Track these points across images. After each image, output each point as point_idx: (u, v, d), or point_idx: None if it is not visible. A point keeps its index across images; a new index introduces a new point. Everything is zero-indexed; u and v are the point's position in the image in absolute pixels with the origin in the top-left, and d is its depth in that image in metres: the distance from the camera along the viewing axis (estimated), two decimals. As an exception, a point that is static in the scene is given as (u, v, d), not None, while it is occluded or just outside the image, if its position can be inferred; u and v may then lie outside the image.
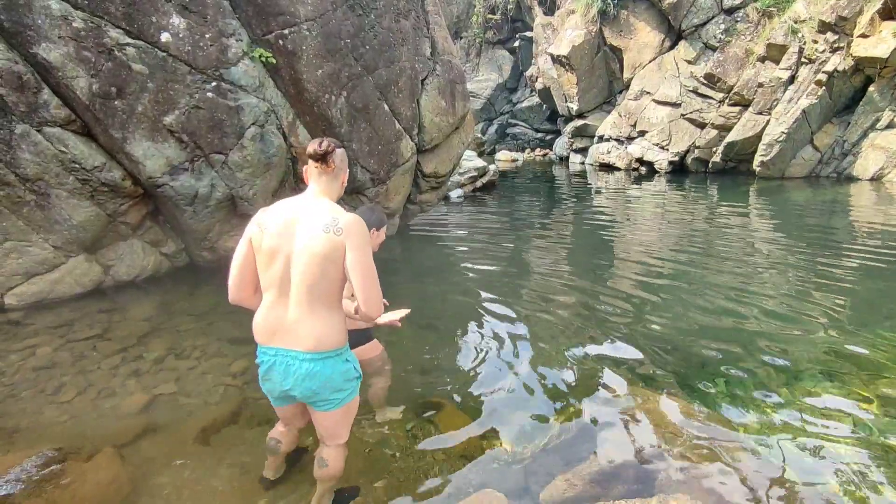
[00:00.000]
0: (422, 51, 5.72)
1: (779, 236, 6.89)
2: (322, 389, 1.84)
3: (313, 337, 1.78)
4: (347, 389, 1.93)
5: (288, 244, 1.79)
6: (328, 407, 1.90)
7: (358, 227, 1.78)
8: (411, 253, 6.27)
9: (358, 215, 1.83)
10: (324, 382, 1.82)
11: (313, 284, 1.76)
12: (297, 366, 1.80)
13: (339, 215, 1.79)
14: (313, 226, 1.76)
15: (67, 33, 3.63)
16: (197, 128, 4.21)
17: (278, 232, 1.79)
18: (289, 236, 1.79)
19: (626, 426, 2.70)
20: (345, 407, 1.96)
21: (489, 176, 10.67)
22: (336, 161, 1.87)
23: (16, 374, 3.23)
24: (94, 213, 4.12)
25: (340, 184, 1.93)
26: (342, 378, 1.88)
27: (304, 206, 1.83)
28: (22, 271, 3.98)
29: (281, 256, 1.79)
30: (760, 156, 11.32)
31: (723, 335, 3.80)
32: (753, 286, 4.86)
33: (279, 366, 1.84)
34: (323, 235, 1.74)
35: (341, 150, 1.91)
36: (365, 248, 1.77)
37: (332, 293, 1.81)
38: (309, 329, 1.79)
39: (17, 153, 3.70)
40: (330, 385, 1.85)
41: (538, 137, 18.93)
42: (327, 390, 1.86)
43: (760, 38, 11.78)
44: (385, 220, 2.85)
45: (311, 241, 1.75)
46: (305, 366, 1.80)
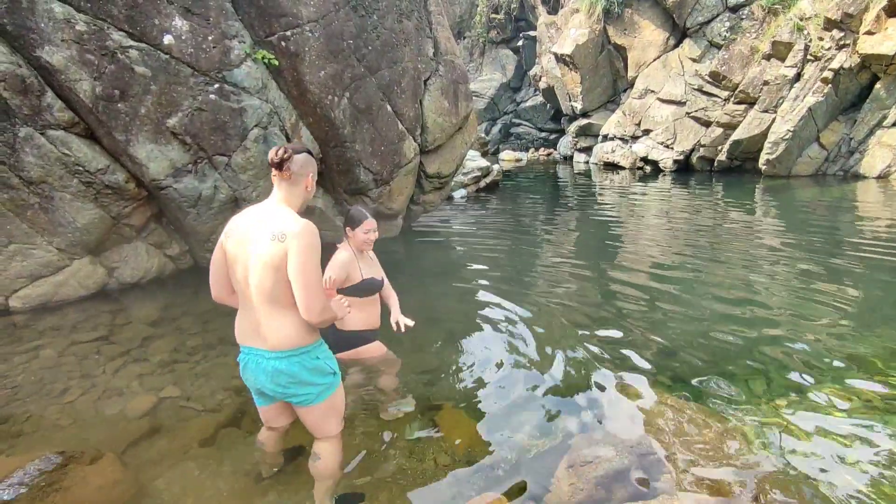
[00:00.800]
0: (424, 51, 5.71)
1: (785, 235, 6.83)
2: (290, 386, 1.92)
3: (275, 337, 1.87)
4: (321, 385, 1.97)
5: (244, 252, 1.86)
6: (304, 402, 1.97)
7: (301, 233, 1.80)
8: (414, 253, 6.25)
9: (307, 222, 1.85)
10: (290, 379, 1.90)
11: (268, 290, 1.83)
12: (265, 364, 1.91)
13: (287, 223, 1.82)
14: (263, 234, 1.82)
15: (70, 36, 3.64)
16: (200, 130, 4.22)
17: (238, 240, 1.88)
18: (245, 244, 1.86)
19: (632, 427, 2.67)
20: (324, 403, 2.00)
21: (493, 176, 10.65)
22: (294, 167, 1.89)
23: (20, 375, 3.24)
24: (98, 216, 4.13)
25: (303, 189, 1.94)
26: (310, 375, 1.93)
27: (262, 213, 1.89)
28: (26, 274, 3.99)
29: (240, 263, 1.88)
30: (766, 154, 11.24)
31: (730, 335, 3.77)
32: (760, 285, 4.82)
33: (251, 364, 1.96)
34: (269, 243, 1.80)
35: (301, 156, 1.92)
36: (305, 254, 1.79)
37: (289, 296, 1.86)
38: (270, 330, 1.87)
39: (20, 156, 3.71)
40: (297, 381, 1.92)
41: (542, 137, 18.89)
42: (295, 386, 1.93)
43: (766, 36, 11.70)
44: (361, 218, 2.80)
45: (261, 248, 1.81)
46: (272, 364, 1.89)
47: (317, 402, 1.98)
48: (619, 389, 3.06)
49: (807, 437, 2.61)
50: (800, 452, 2.49)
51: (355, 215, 2.82)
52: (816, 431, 2.64)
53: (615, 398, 2.97)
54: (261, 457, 2.36)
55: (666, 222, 8.01)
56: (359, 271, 2.83)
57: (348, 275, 2.78)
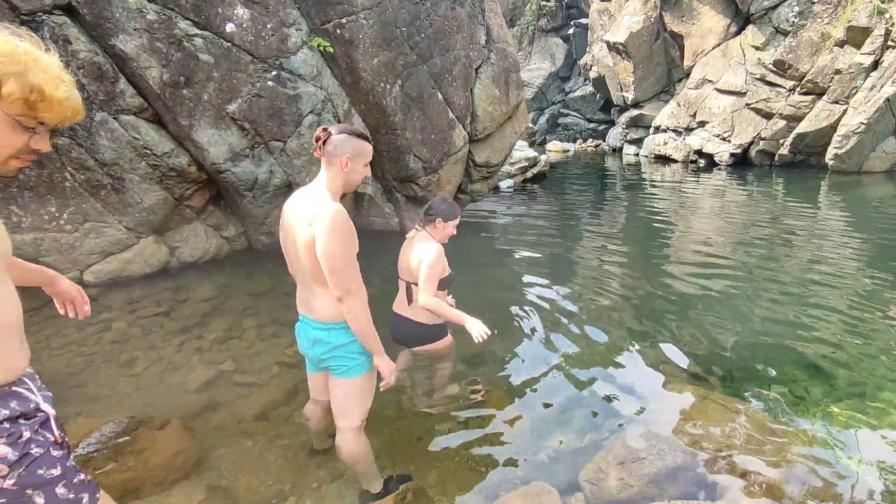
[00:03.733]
0: (476, 39, 5.66)
1: (852, 236, 6.41)
2: (327, 353, 2.04)
3: (318, 310, 2.00)
4: (354, 360, 2.05)
5: (292, 233, 1.96)
6: (336, 372, 2.07)
7: (325, 218, 1.82)
8: (461, 243, 6.25)
9: (335, 206, 1.86)
10: (329, 349, 2.02)
11: (308, 269, 1.93)
12: (310, 331, 2.05)
13: (318, 207, 1.87)
14: (302, 217, 1.90)
15: (142, 25, 3.82)
16: (258, 116, 4.35)
17: (286, 221, 1.99)
18: (291, 225, 1.96)
19: (682, 426, 2.60)
20: (354, 379, 2.06)
21: (540, 167, 10.49)
22: (328, 147, 1.92)
23: (94, 345, 3.47)
24: (162, 197, 4.34)
25: (338, 169, 1.93)
26: (345, 348, 2.03)
27: (304, 196, 1.97)
28: (98, 250, 4.25)
29: (290, 243, 1.99)
30: (834, 148, 10.55)
31: (785, 340, 3.58)
32: (822, 290, 4.55)
33: (301, 330, 2.12)
34: (304, 227, 1.88)
35: (339, 137, 1.92)
36: (328, 237, 1.81)
37: None
38: (315, 303, 2.01)
39: (95, 139, 3.94)
40: (335, 352, 2.03)
41: (590, 128, 18.43)
42: (333, 357, 2.05)
43: (840, 21, 10.93)
44: (455, 213, 2.77)
45: (299, 231, 1.90)
46: (314, 332, 2.03)
47: (347, 375, 2.06)
48: (668, 387, 2.97)
49: (868, 444, 2.46)
50: (859, 460, 2.36)
51: (449, 209, 2.74)
52: (877, 440, 2.48)
53: (664, 395, 2.89)
54: (312, 430, 2.43)
55: (721, 218, 7.67)
56: (447, 263, 2.81)
57: (444, 266, 2.75)
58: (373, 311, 1.98)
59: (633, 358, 3.33)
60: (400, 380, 3.01)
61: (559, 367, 3.22)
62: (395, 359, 3.14)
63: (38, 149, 1.13)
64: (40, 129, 1.12)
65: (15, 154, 1.11)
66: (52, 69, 1.08)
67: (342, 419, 2.17)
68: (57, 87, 1.07)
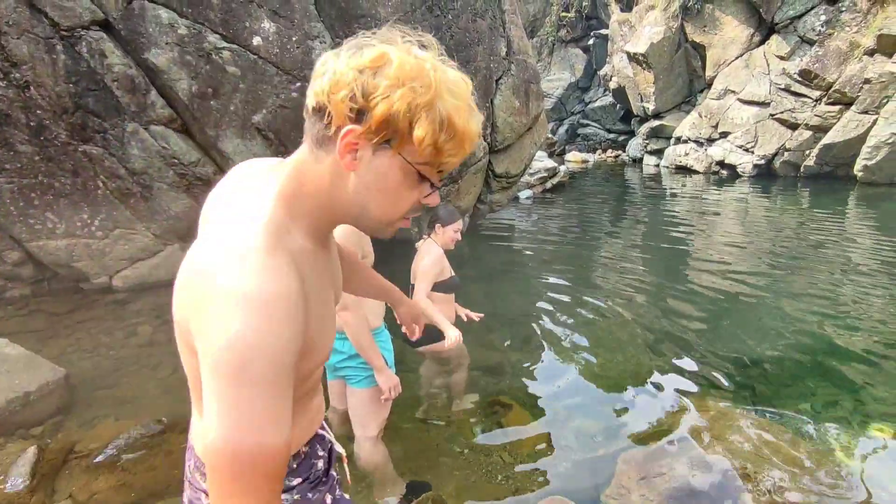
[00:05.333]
0: (497, 50, 5.70)
1: (883, 251, 6.23)
2: (343, 364, 2.07)
3: None
4: (369, 370, 2.06)
5: None
6: (353, 382, 2.10)
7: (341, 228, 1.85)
8: (480, 253, 6.27)
9: None
10: (343, 358, 2.05)
11: None
12: None
13: None
14: None
15: (173, 39, 3.95)
16: (282, 126, 4.45)
17: None
18: None
19: (702, 442, 2.55)
20: (369, 389, 2.08)
21: (559, 177, 10.47)
22: None
23: (122, 349, 3.57)
24: (189, 205, 4.45)
25: None
26: (358, 358, 2.05)
27: None
28: (127, 256, 4.38)
29: None
30: (864, 159, 10.30)
31: (812, 354, 3.49)
32: (848, 306, 4.42)
33: None
34: None
35: None
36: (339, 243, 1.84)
37: None
38: None
39: (127, 149, 4.07)
40: (349, 362, 2.06)
41: (610, 138, 18.33)
42: (347, 366, 2.08)
43: (870, 29, 10.72)
44: (453, 218, 2.85)
45: None
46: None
47: (361, 385, 2.08)
48: (691, 400, 2.93)
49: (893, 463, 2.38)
50: (883, 478, 2.29)
51: (447, 214, 2.86)
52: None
53: (686, 409, 2.85)
54: None
55: (743, 230, 7.54)
56: (448, 268, 2.90)
57: (441, 269, 2.85)
58: (388, 318, 2.01)
59: (654, 370, 3.28)
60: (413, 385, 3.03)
61: (578, 379, 3.20)
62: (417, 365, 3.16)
63: (427, 204, 0.79)
64: (436, 179, 0.76)
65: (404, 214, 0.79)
66: (462, 89, 0.73)
67: (358, 429, 2.20)
68: (470, 118, 0.73)
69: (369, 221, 0.78)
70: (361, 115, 0.69)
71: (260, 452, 0.62)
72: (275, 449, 0.64)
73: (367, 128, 0.69)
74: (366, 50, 0.71)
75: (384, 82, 0.68)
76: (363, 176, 0.73)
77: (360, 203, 0.75)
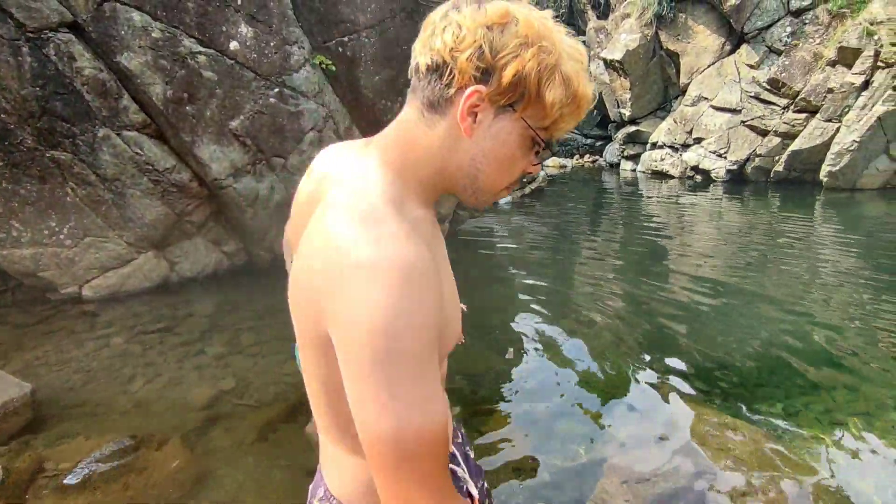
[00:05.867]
0: (476, 57, 5.73)
1: (847, 253, 6.46)
2: None
3: None
4: None
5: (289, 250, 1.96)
6: None
7: None
8: (460, 259, 6.27)
9: None
10: None
11: None
12: None
13: None
14: None
15: (147, 43, 3.86)
16: (259, 132, 4.38)
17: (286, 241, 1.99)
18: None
19: (686, 445, 2.59)
20: None
21: (538, 182, 10.56)
22: None
23: (93, 361, 3.44)
24: (163, 212, 4.34)
25: None
26: None
27: None
28: (98, 265, 4.24)
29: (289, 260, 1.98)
30: (828, 166, 10.67)
31: (785, 357, 3.59)
32: (817, 306, 4.57)
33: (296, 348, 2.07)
34: None
35: None
36: None
37: None
38: None
39: (98, 155, 3.95)
40: None
41: (587, 143, 18.58)
42: None
43: (831, 42, 11.13)
44: None
45: None
46: None
47: None
48: (670, 405, 2.97)
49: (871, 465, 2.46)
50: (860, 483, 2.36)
51: None
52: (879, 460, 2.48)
53: (667, 413, 2.89)
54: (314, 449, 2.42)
55: (717, 234, 7.72)
56: None
57: None
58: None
59: (635, 375, 3.33)
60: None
61: (560, 385, 3.22)
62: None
63: (531, 173, 0.78)
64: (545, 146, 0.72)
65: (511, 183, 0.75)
66: (580, 51, 0.69)
67: None
68: (588, 82, 0.69)
69: (476, 190, 0.73)
70: (487, 74, 0.65)
71: (424, 434, 0.57)
72: (439, 428, 0.59)
73: (493, 88, 0.65)
74: (487, 5, 0.66)
75: (513, 40, 0.64)
76: (480, 141, 0.69)
77: (471, 170, 0.71)
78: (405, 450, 0.57)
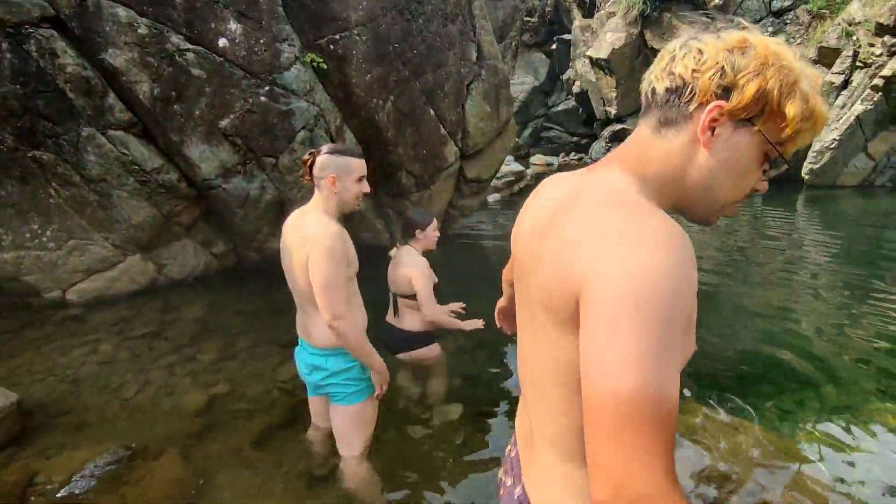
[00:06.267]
0: (468, 55, 5.70)
1: (828, 247, 6.59)
2: (326, 381, 2.01)
3: (316, 335, 1.96)
4: (353, 387, 2.03)
5: (287, 254, 1.95)
6: (336, 400, 2.04)
7: (316, 237, 1.82)
8: (451, 258, 6.24)
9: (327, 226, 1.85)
10: (326, 375, 1.99)
11: (303, 291, 1.91)
12: (307, 357, 2.02)
13: (309, 227, 1.86)
14: (296, 238, 1.90)
15: (133, 39, 3.75)
16: (250, 131, 4.29)
17: (283, 241, 1.98)
18: (287, 246, 1.95)
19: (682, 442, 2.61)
20: (354, 406, 2.04)
21: (526, 180, 10.59)
22: (315, 171, 1.90)
23: (80, 368, 3.35)
24: (151, 214, 4.24)
25: (328, 190, 1.89)
26: (344, 374, 2.00)
27: (298, 217, 1.96)
28: (83, 268, 4.12)
29: (286, 263, 1.97)
30: (809, 163, 10.89)
31: (770, 353, 3.64)
32: (798, 300, 4.66)
33: (299, 354, 2.09)
34: (298, 248, 1.87)
35: (322, 158, 1.90)
36: (319, 257, 1.79)
37: None
38: (311, 328, 1.96)
39: (82, 155, 3.83)
40: (333, 378, 2.00)
41: (573, 141, 18.69)
42: (330, 383, 2.01)
43: (811, 42, 11.35)
44: (427, 219, 2.95)
45: (294, 252, 1.89)
46: (311, 358, 2.00)
47: (346, 402, 2.04)
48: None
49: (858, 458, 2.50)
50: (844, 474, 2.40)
51: (422, 216, 2.94)
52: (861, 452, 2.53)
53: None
54: (313, 456, 2.39)
55: (700, 231, 7.82)
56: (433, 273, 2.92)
57: (430, 277, 2.88)
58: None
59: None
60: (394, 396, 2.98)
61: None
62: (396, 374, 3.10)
63: (759, 191, 0.79)
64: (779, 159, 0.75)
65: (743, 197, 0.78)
66: (815, 74, 0.73)
67: (344, 448, 2.15)
68: (824, 101, 0.73)
69: (708, 203, 0.77)
70: (728, 91, 0.70)
71: (664, 400, 0.55)
72: (675, 404, 0.57)
73: (734, 104, 0.70)
74: (724, 34, 0.74)
75: (754, 61, 0.70)
76: (717, 153, 0.73)
77: (706, 183, 0.75)
78: (641, 411, 0.54)
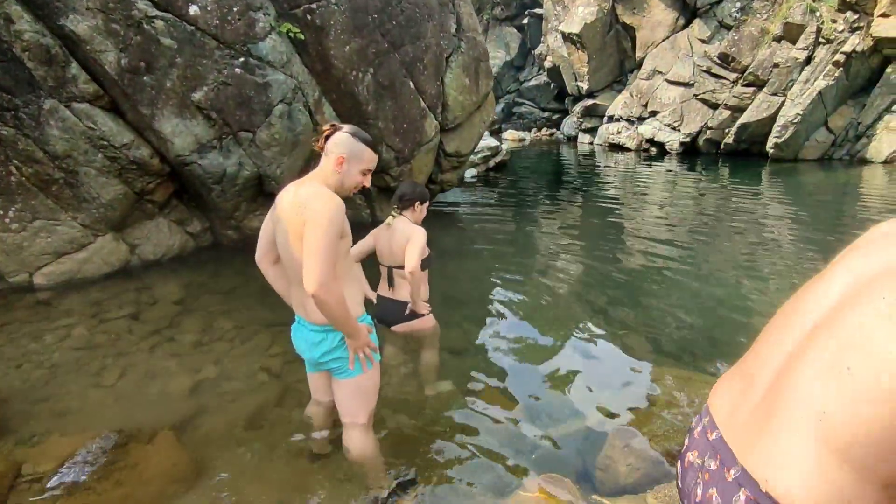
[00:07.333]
0: (447, 27, 5.58)
1: (791, 218, 6.88)
2: (327, 357, 1.97)
3: (313, 312, 1.88)
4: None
5: (280, 224, 1.86)
6: (338, 374, 2.01)
7: (317, 203, 1.74)
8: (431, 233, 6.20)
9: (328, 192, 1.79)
10: (326, 351, 1.95)
11: (298, 264, 1.79)
12: (307, 334, 1.97)
13: (309, 193, 1.78)
14: (293, 204, 1.80)
15: (95, 5, 3.51)
16: (225, 104, 4.11)
17: (278, 212, 1.87)
18: (283, 216, 1.85)
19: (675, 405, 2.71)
20: (357, 378, 2.01)
21: (501, 156, 10.57)
22: (329, 142, 1.86)
23: (55, 354, 3.20)
24: (122, 192, 4.04)
25: (332, 164, 1.85)
26: (343, 349, 1.96)
27: (298, 184, 1.88)
28: (51, 250, 3.92)
29: (280, 236, 1.88)
30: (774, 137, 11.24)
31: (737, 313, 3.83)
32: (765, 266, 4.97)
33: (297, 331, 2.03)
34: (296, 215, 1.77)
35: (341, 135, 1.85)
36: (320, 220, 1.71)
37: None
38: (309, 305, 1.89)
39: (45, 129, 3.60)
40: (334, 353, 1.96)
41: (545, 117, 18.73)
42: (332, 359, 1.97)
43: (777, 17, 11.58)
44: (427, 195, 2.92)
45: (290, 222, 1.80)
46: (311, 335, 1.94)
47: (348, 376, 2.01)
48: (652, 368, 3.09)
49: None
50: None
51: (424, 191, 2.88)
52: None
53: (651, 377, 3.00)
54: (311, 434, 2.36)
55: (672, 203, 8.02)
56: None
57: None
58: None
59: (609, 341, 3.44)
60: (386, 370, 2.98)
61: (540, 357, 3.28)
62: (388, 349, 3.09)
63: None
64: None
65: None
66: None
67: (347, 419, 2.12)
68: None
69: None
70: None
71: None
72: None
73: None
74: None
75: None
76: None
77: None
78: None
